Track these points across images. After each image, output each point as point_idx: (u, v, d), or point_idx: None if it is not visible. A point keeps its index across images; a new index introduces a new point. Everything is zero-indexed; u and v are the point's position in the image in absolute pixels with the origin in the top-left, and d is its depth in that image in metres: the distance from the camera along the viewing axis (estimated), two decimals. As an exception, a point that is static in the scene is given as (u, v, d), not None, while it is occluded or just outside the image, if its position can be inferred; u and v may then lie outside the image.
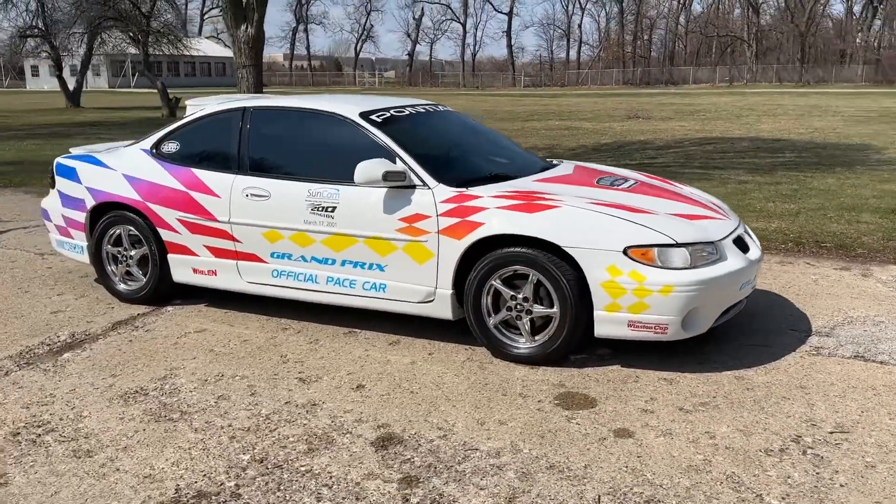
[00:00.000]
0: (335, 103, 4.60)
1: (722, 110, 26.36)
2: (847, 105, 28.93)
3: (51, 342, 4.42)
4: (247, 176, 4.53)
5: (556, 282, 3.77)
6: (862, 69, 62.07)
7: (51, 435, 3.30)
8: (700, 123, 20.66)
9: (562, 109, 28.76)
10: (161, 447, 3.17)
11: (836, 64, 64.65)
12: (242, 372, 3.94)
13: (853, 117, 22.38)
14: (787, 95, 39.99)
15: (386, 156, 4.18)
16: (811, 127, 19.34)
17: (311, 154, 4.53)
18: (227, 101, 4.95)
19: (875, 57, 63.31)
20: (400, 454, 3.09)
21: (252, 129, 4.65)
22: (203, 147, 4.79)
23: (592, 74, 70.22)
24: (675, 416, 3.37)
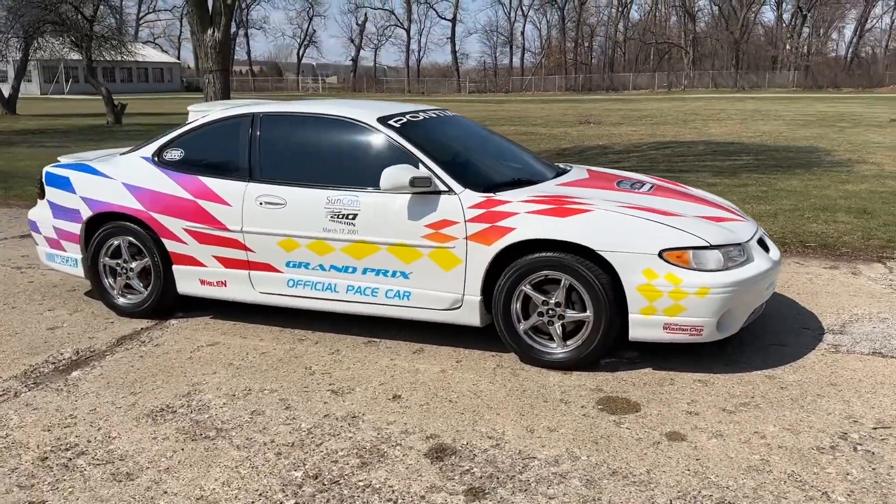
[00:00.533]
0: (350, 108, 4.52)
1: (668, 115, 26.95)
2: (784, 109, 29.91)
3: (55, 360, 4.21)
4: (260, 184, 4.40)
5: (590, 286, 3.76)
6: (793, 75, 64.39)
7: (82, 458, 3.14)
8: (650, 128, 21.07)
9: (511, 115, 28.99)
10: (206, 467, 3.05)
11: (768, 70, 66.86)
12: (270, 385, 3.82)
13: (794, 121, 23.13)
14: (724, 100, 41.14)
15: (408, 161, 4.12)
16: (758, 130, 19.91)
17: (329, 161, 4.42)
18: (232, 108, 4.81)
19: (805, 63, 65.71)
20: (457, 465, 3.03)
21: (263, 135, 4.53)
22: (210, 154, 4.64)
23: (536, 81, 70.98)
24: (720, 418, 3.39)
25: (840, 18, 72.74)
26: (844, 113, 27.25)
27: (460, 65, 77.82)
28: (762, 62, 68.76)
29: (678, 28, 73.12)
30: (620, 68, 73.52)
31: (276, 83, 79.65)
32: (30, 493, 2.87)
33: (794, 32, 68.35)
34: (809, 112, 28.17)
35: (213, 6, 10.39)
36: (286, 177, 4.39)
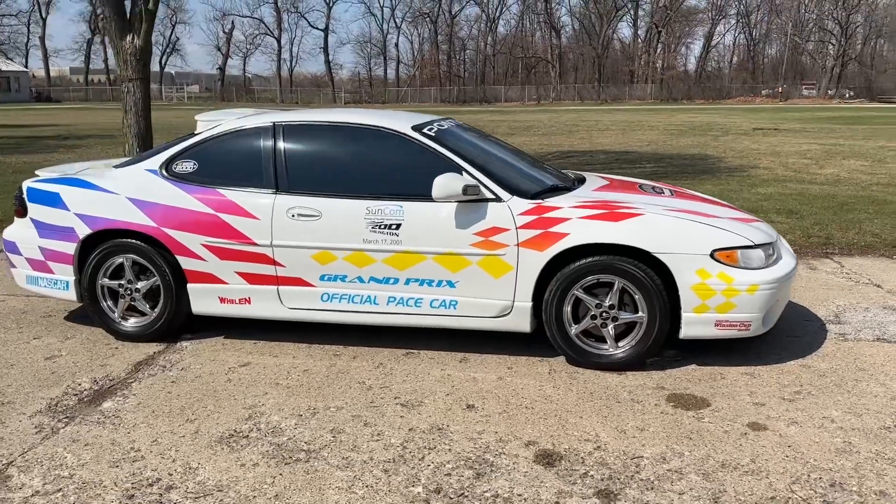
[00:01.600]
0: (380, 118, 4.45)
1: (551, 126, 27.93)
2: (653, 120, 31.75)
3: (76, 391, 3.88)
4: (290, 196, 4.25)
5: (644, 288, 3.89)
6: (650, 88, 68.40)
7: (175, 493, 2.92)
8: (542, 138, 21.76)
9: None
10: (318, 490, 2.92)
11: (627, 83, 70.70)
12: (334, 403, 3.70)
13: (668, 131, 24.60)
14: (594, 112, 43.16)
15: (452, 170, 4.10)
16: (642, 140, 21.04)
17: (366, 171, 4.33)
18: (246, 117, 4.61)
19: (660, 77, 70.00)
20: (572, 469, 3.06)
21: (287, 145, 4.37)
22: (229, 166, 4.42)
23: (412, 92, 71.61)
24: (785, 406, 3.61)
25: (688, 35, 78.06)
26: (709, 122, 29.27)
27: (335, 75, 77.27)
28: (621, 76, 72.63)
29: (544, 43, 75.95)
30: (491, 81, 75.46)
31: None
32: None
33: (649, 48, 72.64)
34: (677, 122, 30.04)
35: (130, 13, 9.84)
36: (319, 188, 4.26)
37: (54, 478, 3.03)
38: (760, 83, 69.56)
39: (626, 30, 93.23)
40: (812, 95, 67.32)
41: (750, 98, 66.30)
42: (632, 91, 68.94)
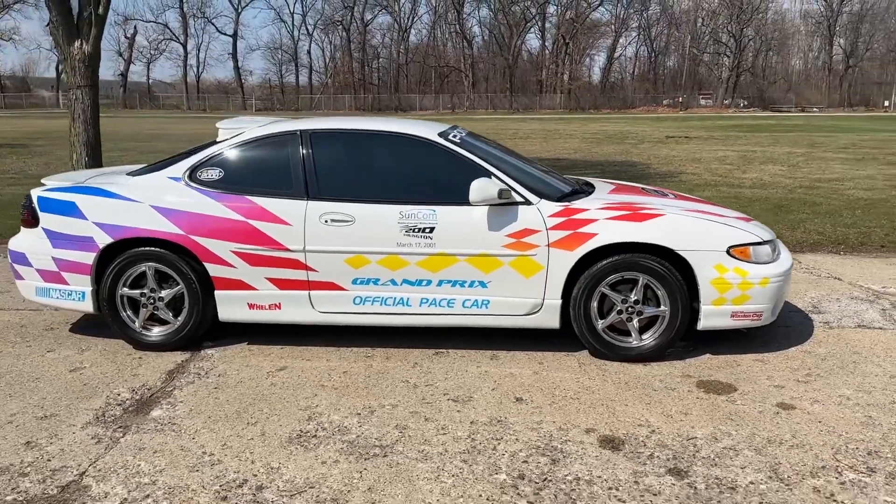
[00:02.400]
0: (404, 126, 4.59)
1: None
2: (568, 129, 32.79)
3: (119, 402, 3.85)
4: (322, 202, 4.33)
5: (668, 283, 4.18)
6: (559, 97, 70.28)
7: (266, 492, 2.99)
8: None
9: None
10: (408, 482, 3.05)
11: (538, 93, 72.40)
12: (387, 401, 3.81)
13: (587, 139, 25.48)
14: (509, 121, 44.07)
15: (482, 175, 4.29)
16: (567, 147, 21.74)
17: (395, 176, 4.46)
18: (269, 125, 4.66)
19: (568, 87, 72.00)
20: (638, 451, 3.29)
21: (315, 153, 4.45)
22: (257, 173, 4.47)
23: (326, 99, 71.09)
24: (804, 388, 3.96)
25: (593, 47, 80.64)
26: (622, 131, 30.43)
27: (244, 81, 75.81)
28: (531, 86, 74.32)
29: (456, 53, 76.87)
30: (405, 89, 75.79)
31: (29, 99, 72.30)
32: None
33: (557, 59, 74.61)
34: (592, 131, 31.09)
35: (78, 17, 9.54)
36: (351, 194, 4.36)
37: (136, 485, 3.03)
38: (662, 93, 72.54)
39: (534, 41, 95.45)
40: (709, 105, 70.73)
41: (653, 107, 69.06)
42: (542, 100, 70.65)
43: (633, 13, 75.50)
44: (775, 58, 75.47)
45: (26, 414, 3.68)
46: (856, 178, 13.21)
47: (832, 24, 71.19)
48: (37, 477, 3.10)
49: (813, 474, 3.08)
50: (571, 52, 74.49)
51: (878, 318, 5.16)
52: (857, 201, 10.43)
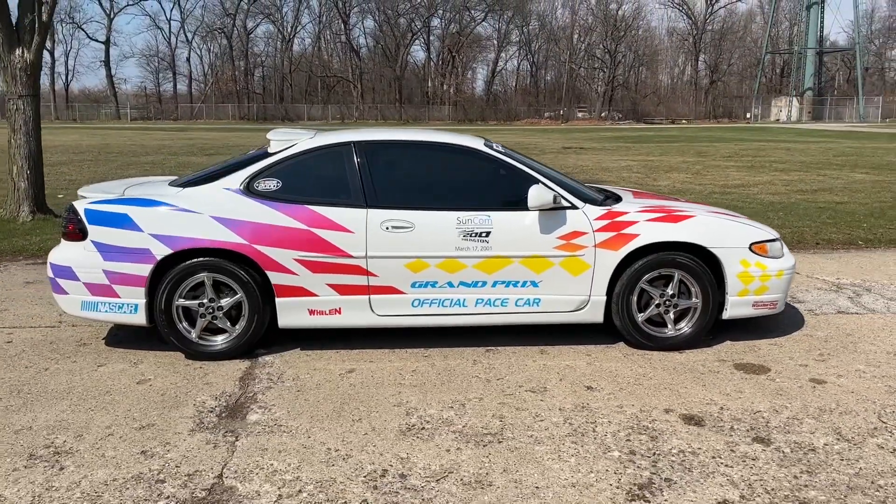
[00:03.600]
0: (450, 136, 4.86)
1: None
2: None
3: (210, 409, 3.91)
4: (382, 209, 4.53)
5: (699, 278, 4.67)
6: (448, 109, 71.51)
7: (412, 478, 3.20)
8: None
9: (208, 144, 28.17)
10: (537, 462, 3.33)
11: (426, 104, 73.39)
12: (472, 395, 4.07)
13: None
14: (406, 130, 44.41)
15: (531, 183, 4.62)
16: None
17: (449, 184, 4.73)
18: (318, 136, 4.82)
19: (456, 99, 73.42)
20: (719, 425, 3.72)
21: (369, 163, 4.65)
22: (314, 183, 4.61)
23: (207, 109, 69.08)
24: (824, 366, 4.52)
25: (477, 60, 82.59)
26: (519, 142, 31.39)
27: (118, 90, 72.49)
28: (419, 97, 75.25)
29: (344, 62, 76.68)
30: (290, 99, 74.86)
31: None
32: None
33: (444, 71, 75.95)
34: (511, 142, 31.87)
35: (17, 23, 9.15)
36: (409, 202, 4.58)
37: (283, 482, 3.16)
38: (544, 106, 75.20)
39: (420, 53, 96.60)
40: (587, 117, 73.98)
41: (535, 120, 71.49)
42: (431, 112, 71.65)
43: (514, 28, 77.92)
44: (646, 73, 79.92)
45: (122, 426, 3.69)
46: (759, 184, 14.43)
47: (697, 41, 76.23)
48: (176, 483, 3.16)
49: (871, 434, 3.60)
50: (458, 64, 76.00)
51: (850, 304, 5.87)
52: (773, 205, 11.48)
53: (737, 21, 76.93)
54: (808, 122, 64.24)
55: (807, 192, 13.18)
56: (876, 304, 5.89)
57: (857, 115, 65.63)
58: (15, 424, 3.68)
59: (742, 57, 77.32)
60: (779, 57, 78.85)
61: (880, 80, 78.67)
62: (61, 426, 3.67)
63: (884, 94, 70.48)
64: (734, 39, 76.31)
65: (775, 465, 3.31)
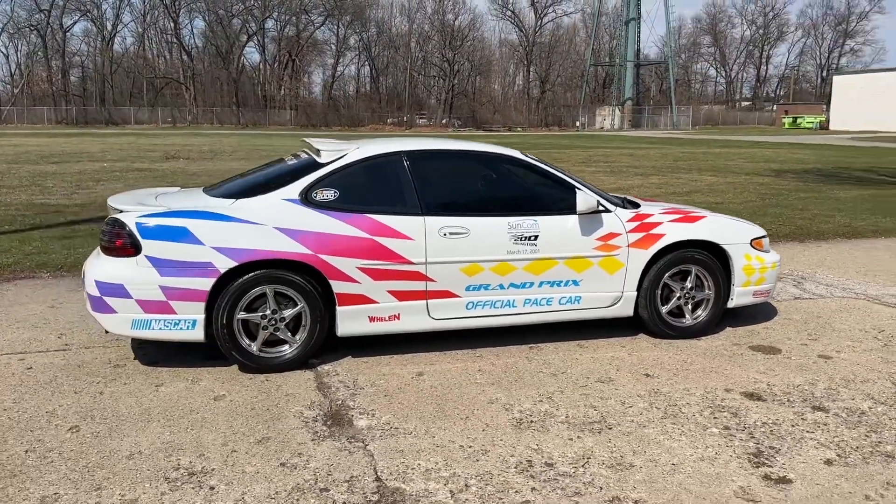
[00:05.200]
0: (488, 146, 5.11)
1: (237, 150, 27.83)
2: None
3: (312, 418, 3.93)
4: (438, 216, 4.70)
5: (713, 272, 5.23)
6: (290, 114, 70.30)
7: (592, 464, 3.45)
8: (251, 164, 21.84)
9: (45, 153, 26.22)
10: (657, 443, 3.69)
11: (267, 108, 71.72)
12: (553, 388, 4.35)
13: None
14: (251, 137, 43.33)
15: (568, 189, 4.98)
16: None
17: (498, 191, 4.96)
18: (366, 146, 4.90)
19: (297, 103, 72.37)
20: (777, 399, 4.25)
21: (420, 172, 4.80)
22: (371, 193, 4.70)
23: (18, 112, 63.42)
24: (819, 344, 5.21)
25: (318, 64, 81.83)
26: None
27: None
28: (258, 101, 73.41)
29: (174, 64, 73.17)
30: (113, 101, 70.42)
31: None
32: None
33: (283, 75, 74.59)
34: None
35: None
36: (463, 208, 4.78)
37: (444, 479, 3.29)
38: (387, 112, 75.85)
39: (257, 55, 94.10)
40: (428, 124, 75.44)
41: (379, 126, 71.90)
42: (271, 116, 70.09)
43: (352, 33, 78.00)
44: (483, 82, 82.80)
45: (239, 441, 3.63)
46: (634, 188, 15.62)
47: (528, 52, 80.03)
48: (340, 489, 3.21)
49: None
50: (297, 68, 74.90)
51: (800, 291, 6.71)
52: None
53: (563, 34, 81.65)
54: (629, 129, 69.42)
55: (682, 194, 14.45)
56: (819, 290, 6.77)
57: (671, 123, 71.73)
58: (121, 450, 3.52)
59: (568, 68, 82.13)
60: (601, 69, 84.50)
61: (688, 91, 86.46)
62: (173, 447, 3.55)
63: (693, 104, 77.50)
64: (561, 52, 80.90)
65: (844, 428, 3.86)
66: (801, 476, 3.35)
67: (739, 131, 62.21)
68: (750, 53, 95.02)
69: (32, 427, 3.75)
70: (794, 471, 3.40)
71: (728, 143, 39.04)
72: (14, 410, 3.95)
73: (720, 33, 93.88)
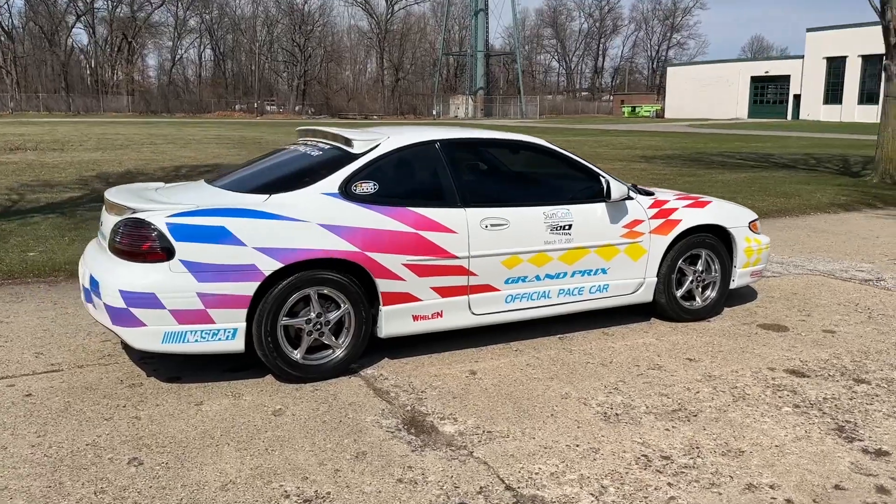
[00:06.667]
0: (514, 135, 4.97)
1: (85, 141, 25.81)
2: (183, 134, 31.69)
3: (394, 427, 3.67)
4: (478, 208, 4.52)
5: (720, 254, 5.40)
6: (127, 100, 65.98)
7: (698, 451, 3.45)
8: (117, 153, 20.33)
9: None
10: (748, 427, 3.76)
11: (99, 94, 66.87)
12: (611, 378, 4.32)
13: (228, 145, 25.16)
14: (90, 125, 40.22)
15: (593, 178, 4.96)
16: (226, 154, 21.20)
17: (531, 181, 4.83)
18: (397, 135, 4.61)
19: (137, 89, 68.03)
20: (818, 373, 4.45)
21: (456, 161, 4.59)
22: (409, 184, 4.45)
23: None
24: (816, 319, 5.51)
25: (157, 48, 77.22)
26: (243, 136, 30.53)
27: None
28: (91, 86, 68.32)
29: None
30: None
31: None
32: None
33: (120, 59, 69.81)
34: (212, 136, 30.49)
35: None
36: (500, 199, 4.63)
37: (577, 482, 3.18)
38: (235, 98, 72.97)
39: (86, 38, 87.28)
40: (280, 111, 73.41)
41: (228, 112, 69.12)
42: (107, 102, 65.46)
43: (193, 14, 74.25)
44: (337, 69, 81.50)
45: (335, 460, 3.32)
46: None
47: (381, 40, 79.63)
48: (483, 496, 3.03)
49: (917, 365, 4.59)
50: (133, 51, 70.34)
51: (760, 270, 7.06)
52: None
53: (414, 22, 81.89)
54: (482, 118, 70.94)
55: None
56: (776, 268, 7.18)
57: (520, 113, 74.00)
58: (208, 481, 3.12)
59: (421, 57, 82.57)
60: (453, 58, 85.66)
61: (532, 82, 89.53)
62: (268, 472, 3.20)
63: (538, 94, 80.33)
64: (414, 40, 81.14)
65: (894, 396, 4.09)
66: (894, 447, 3.50)
67: (585, 120, 65.24)
68: (588, 45, 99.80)
69: (83, 464, 3.25)
70: (886, 443, 3.55)
71: (582, 131, 40.79)
72: (45, 446, 3.40)
73: (560, 26, 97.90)
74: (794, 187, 13.47)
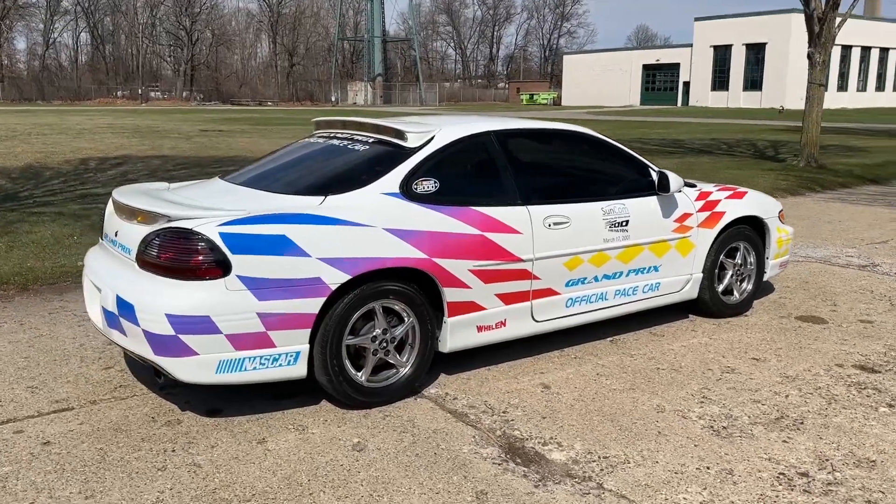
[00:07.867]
0: (563, 125, 4.61)
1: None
2: (66, 123, 29.61)
3: (501, 458, 3.27)
4: (539, 205, 4.13)
5: (756, 246, 5.24)
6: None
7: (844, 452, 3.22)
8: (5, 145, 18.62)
9: None
10: (875, 415, 3.58)
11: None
12: (696, 386, 4.06)
13: (124, 135, 23.63)
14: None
15: (643, 170, 4.68)
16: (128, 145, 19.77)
17: (588, 174, 4.48)
18: (449, 125, 4.15)
19: (6, 74, 63.18)
20: (886, 369, 4.34)
21: (511, 154, 4.19)
22: (468, 181, 4.00)
23: None
24: (846, 310, 5.44)
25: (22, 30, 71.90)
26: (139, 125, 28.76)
27: None
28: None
29: None
30: None
31: None
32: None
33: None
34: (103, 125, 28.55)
35: None
36: (558, 195, 4.26)
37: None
38: (117, 84, 69.01)
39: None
40: (165, 97, 69.98)
41: (110, 99, 65.32)
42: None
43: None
44: (227, 53, 78.38)
45: (459, 503, 2.90)
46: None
47: (274, 23, 77.14)
48: (645, 546, 2.67)
49: (970, 355, 4.56)
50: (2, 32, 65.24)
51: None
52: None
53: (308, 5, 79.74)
54: (382, 105, 70.10)
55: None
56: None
57: (419, 99, 73.60)
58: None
59: (316, 42, 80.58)
60: (349, 44, 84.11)
61: (429, 69, 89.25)
62: (389, 527, 2.72)
63: (436, 81, 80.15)
64: (308, 24, 79.07)
65: (973, 390, 4.02)
66: None
67: (484, 108, 65.54)
68: (483, 33, 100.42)
69: (158, 531, 2.66)
70: None
71: (491, 116, 40.77)
72: (100, 510, 2.79)
73: (455, 13, 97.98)
74: (731, 173, 13.73)
